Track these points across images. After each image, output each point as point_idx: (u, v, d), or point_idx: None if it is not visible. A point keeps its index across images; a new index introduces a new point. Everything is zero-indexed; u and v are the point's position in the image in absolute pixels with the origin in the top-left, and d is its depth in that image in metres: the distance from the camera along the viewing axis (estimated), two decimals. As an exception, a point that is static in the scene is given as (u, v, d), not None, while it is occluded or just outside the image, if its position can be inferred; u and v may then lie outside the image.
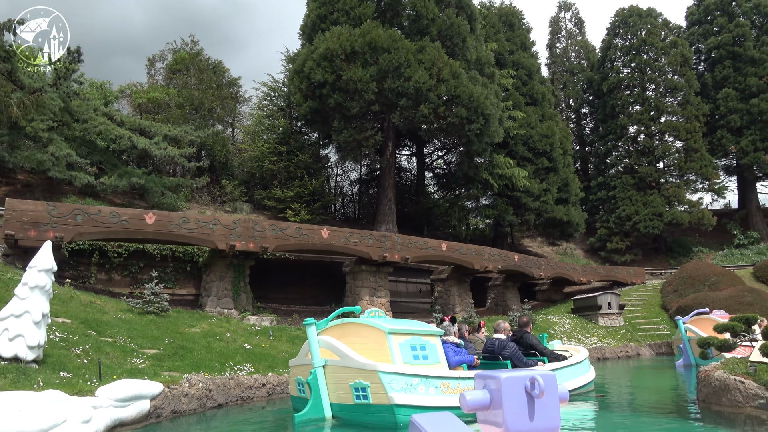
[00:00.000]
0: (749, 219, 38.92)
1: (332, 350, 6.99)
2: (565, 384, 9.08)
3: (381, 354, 6.94)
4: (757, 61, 37.10)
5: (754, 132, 36.51)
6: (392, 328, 7.14)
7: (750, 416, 6.83)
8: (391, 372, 6.57)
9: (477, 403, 1.29)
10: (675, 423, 7.15)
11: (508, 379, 1.23)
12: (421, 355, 7.20)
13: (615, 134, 38.57)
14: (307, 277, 19.83)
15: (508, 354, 8.32)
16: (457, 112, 22.62)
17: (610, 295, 24.17)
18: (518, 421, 1.21)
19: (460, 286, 21.80)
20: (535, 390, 1.24)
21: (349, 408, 6.79)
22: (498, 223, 30.61)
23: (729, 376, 7.34)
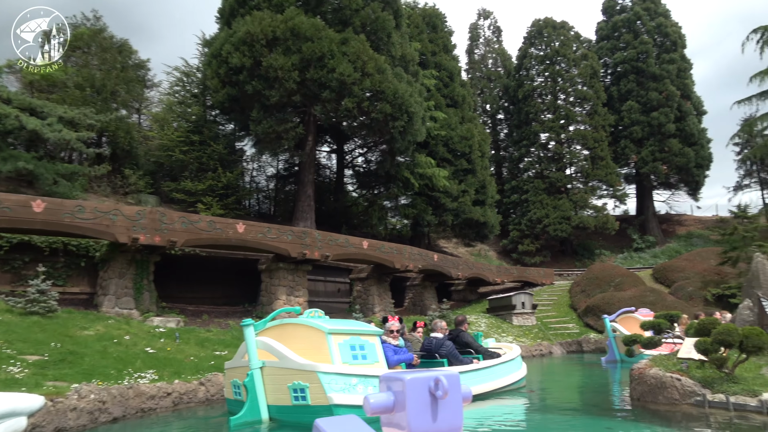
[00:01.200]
0: (646, 224, 41.60)
1: (270, 351, 6.90)
2: (500, 379, 9.25)
3: (320, 354, 6.89)
4: (657, 77, 39.72)
5: (653, 143, 39.04)
6: (332, 329, 7.09)
7: (686, 414, 6.72)
8: (330, 372, 6.55)
9: (380, 405, 1.25)
10: (613, 422, 6.93)
11: (412, 380, 1.19)
12: (360, 355, 7.19)
13: (528, 140, 39.86)
14: (218, 275, 18.50)
15: (445, 352, 8.47)
16: (381, 108, 22.13)
17: (524, 295, 24.64)
18: (421, 422, 1.17)
19: (380, 286, 21.31)
20: (439, 391, 1.20)
21: (287, 409, 6.74)
22: (417, 222, 30.50)
23: (665, 373, 7.24)
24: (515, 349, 10.21)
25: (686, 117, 39.77)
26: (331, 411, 6.33)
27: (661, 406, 7.08)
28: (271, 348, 6.94)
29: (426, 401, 1.20)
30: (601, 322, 22.98)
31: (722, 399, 6.51)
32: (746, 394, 6.35)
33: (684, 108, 39.82)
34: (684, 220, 45.37)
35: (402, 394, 1.19)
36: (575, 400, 9.20)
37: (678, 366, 7.64)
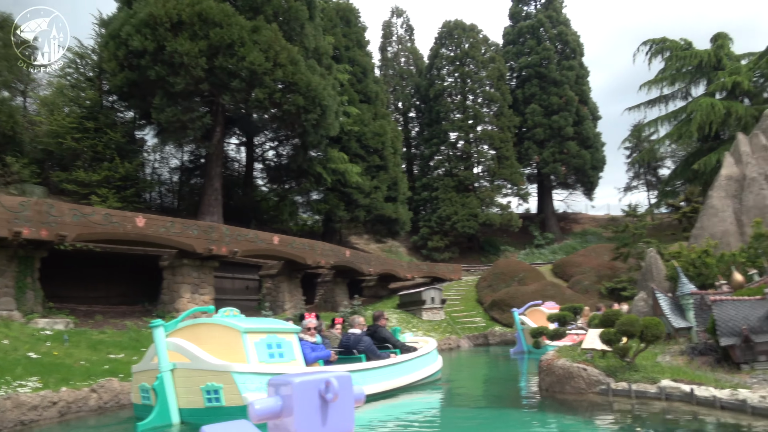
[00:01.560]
0: (546, 222, 43.88)
1: (182, 353, 6.69)
2: (416, 373, 9.39)
3: (235, 354, 6.72)
4: (558, 82, 41.95)
5: (554, 145, 41.22)
6: (247, 327, 6.94)
7: (592, 402, 6.96)
8: (244, 372, 6.42)
9: (267, 411, 1.15)
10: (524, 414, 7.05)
11: (300, 383, 1.12)
12: (277, 353, 7.07)
13: (439, 138, 40.71)
14: (115, 272, 17.19)
15: (363, 348, 8.57)
16: (294, 100, 21.56)
17: (434, 290, 25.06)
18: (310, 427, 1.10)
19: (291, 282, 20.80)
20: (329, 393, 1.14)
21: (199, 412, 6.53)
22: (329, 218, 30.17)
23: (572, 364, 7.47)
24: (431, 342, 10.37)
25: (583, 121, 42.35)
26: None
27: (569, 396, 7.30)
28: (182, 349, 6.71)
29: (315, 405, 1.15)
30: (506, 316, 23.90)
31: (625, 387, 6.80)
32: (646, 382, 6.67)
33: (581, 113, 42.37)
34: (580, 218, 48.35)
35: (290, 398, 1.14)
36: (487, 392, 9.36)
37: (583, 356, 7.93)
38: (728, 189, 12.79)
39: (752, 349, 6.53)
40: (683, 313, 9.41)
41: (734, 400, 5.47)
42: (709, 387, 5.95)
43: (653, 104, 41.73)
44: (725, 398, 5.60)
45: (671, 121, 39.34)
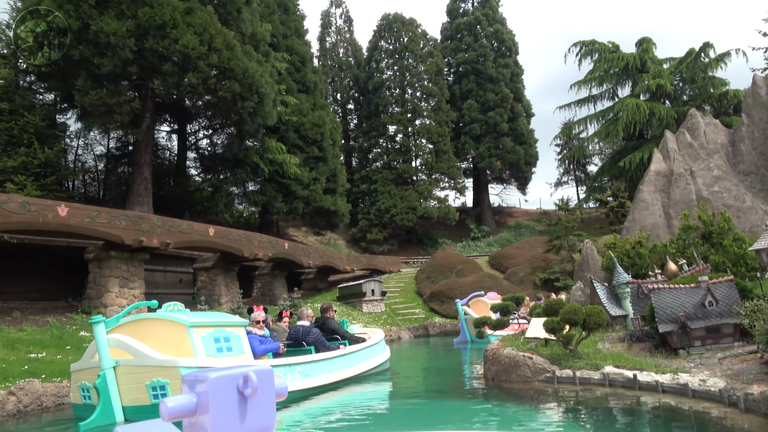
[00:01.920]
0: (482, 215, 44.83)
1: (125, 349, 6.53)
2: (365, 363, 9.48)
3: (182, 349, 6.64)
4: (494, 79, 42.83)
5: (489, 140, 42.08)
6: (194, 322, 6.84)
7: (538, 390, 7.03)
8: (191, 366, 6.28)
9: (180, 409, 1.06)
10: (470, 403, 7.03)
11: (216, 379, 1.04)
12: (225, 347, 7.02)
13: (377, 131, 40.64)
14: (34, 266, 15.98)
15: (312, 340, 8.62)
16: (229, 87, 20.80)
17: (374, 282, 25.00)
18: (226, 424, 1.03)
19: (227, 275, 20.11)
20: (248, 388, 1.06)
21: (146, 409, 6.39)
22: (266, 210, 29.44)
23: (518, 353, 7.52)
24: (379, 333, 10.58)
25: (518, 118, 43.48)
26: None
27: (515, 384, 7.35)
28: (125, 345, 6.54)
29: (233, 401, 1.09)
30: (446, 307, 24.20)
31: (569, 374, 6.91)
32: (590, 369, 6.80)
33: (516, 110, 43.48)
34: (514, 212, 49.74)
35: (205, 395, 1.08)
36: (434, 382, 9.33)
37: (527, 345, 8.02)
38: (657, 184, 13.37)
39: (688, 334, 6.78)
40: (619, 301, 9.72)
41: (676, 384, 5.64)
42: (650, 372, 6.11)
43: (582, 103, 43.46)
44: (667, 383, 5.77)
45: (599, 120, 41.10)
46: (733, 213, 11.28)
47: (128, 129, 22.23)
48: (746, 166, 12.79)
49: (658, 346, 7.38)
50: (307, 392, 7.82)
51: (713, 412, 5.00)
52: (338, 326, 9.74)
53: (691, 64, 37.94)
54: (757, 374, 5.42)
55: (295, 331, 8.84)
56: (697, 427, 4.71)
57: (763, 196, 12.28)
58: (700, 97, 37.52)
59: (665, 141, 14.02)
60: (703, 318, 6.74)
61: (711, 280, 6.95)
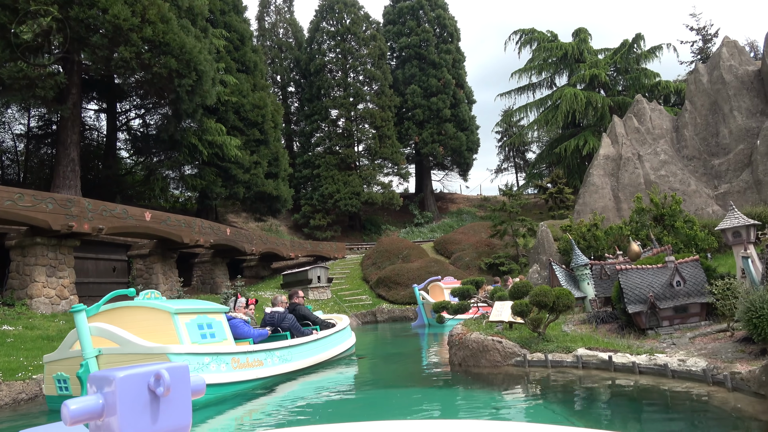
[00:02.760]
0: (425, 201, 44.98)
1: (109, 337, 6.40)
2: (336, 348, 9.70)
3: (166, 336, 6.70)
4: (437, 64, 42.79)
5: (432, 126, 42.10)
6: (178, 308, 6.92)
7: (509, 374, 6.84)
8: (181, 353, 6.37)
9: (84, 412, 0.98)
10: (441, 390, 6.74)
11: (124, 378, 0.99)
12: (208, 333, 7.13)
13: (319, 115, 39.78)
14: (-55, 254, 14.45)
15: (287, 325, 8.82)
16: (165, 62, 19.53)
17: (320, 269, 24.49)
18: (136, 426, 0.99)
19: (165, 263, 19.03)
20: (160, 387, 1.01)
21: None
22: (205, 195, 28.15)
23: (486, 337, 7.30)
24: (345, 319, 10.78)
25: (460, 104, 43.71)
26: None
27: (484, 369, 7.13)
28: (108, 333, 6.39)
29: (144, 400, 1.01)
30: (393, 293, 24.03)
31: (541, 357, 6.75)
32: (561, 351, 6.66)
33: (458, 96, 43.68)
34: (455, 198, 50.24)
35: (113, 395, 0.99)
36: (399, 368, 9.03)
37: (494, 329, 7.82)
38: (606, 168, 13.57)
39: (657, 315, 6.77)
40: (577, 283, 9.73)
41: (654, 365, 5.55)
42: (625, 353, 6.02)
43: (522, 91, 44.24)
44: (644, 363, 5.67)
45: (539, 108, 41.96)
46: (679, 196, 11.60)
47: (52, 106, 20.50)
48: (689, 151, 13.19)
49: (624, 326, 7.36)
50: (285, 376, 7.96)
51: (696, 390, 4.92)
52: (309, 312, 9.84)
53: (624, 55, 39.28)
54: (734, 353, 5.40)
55: (271, 318, 8.96)
56: (690, 405, 4.60)
57: (706, 180, 12.71)
58: (633, 87, 38.95)
59: (613, 126, 14.25)
60: (671, 298, 6.74)
61: (677, 260, 6.96)
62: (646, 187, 12.74)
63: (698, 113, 13.69)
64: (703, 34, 41.26)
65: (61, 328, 12.49)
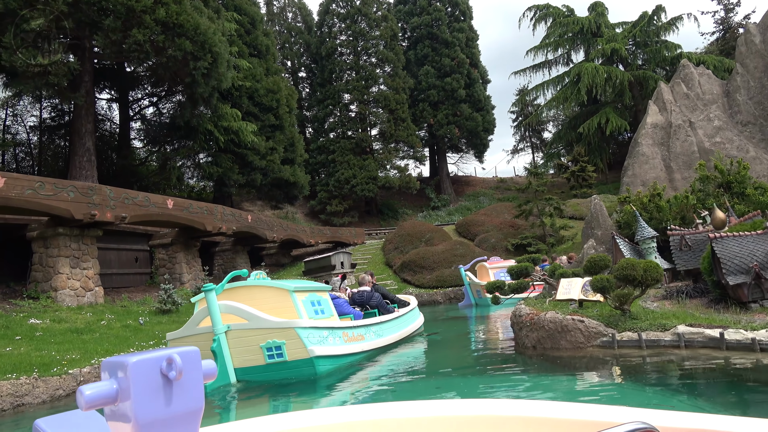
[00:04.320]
0: (441, 185, 44.21)
1: (238, 314, 6.88)
2: (412, 325, 10.10)
3: (286, 312, 7.18)
4: (450, 43, 41.77)
5: (447, 107, 41.20)
6: (295, 287, 7.40)
7: (595, 357, 6.19)
8: (307, 327, 6.93)
9: (99, 397, 1.00)
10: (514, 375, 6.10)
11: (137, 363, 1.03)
12: (319, 310, 7.66)
13: (332, 99, 38.99)
14: (-35, 248, 13.96)
15: (375, 303, 9.36)
16: (180, 45, 18.86)
17: (343, 254, 23.88)
18: (150, 409, 1.01)
19: (188, 252, 18.50)
20: (172, 371, 1.04)
21: (258, 369, 6.91)
22: (222, 182, 27.57)
23: (566, 316, 6.65)
24: (412, 299, 11.21)
25: (474, 84, 42.74)
26: (313, 363, 6.83)
27: (564, 352, 6.50)
28: (238, 310, 6.88)
29: (157, 385, 1.02)
30: (418, 277, 23.44)
31: (632, 337, 6.10)
32: (656, 329, 6.00)
33: (472, 75, 42.70)
34: (471, 181, 49.40)
35: (126, 380, 1.01)
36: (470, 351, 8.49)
37: (570, 308, 7.17)
38: (655, 137, 12.81)
39: (761, 286, 6.09)
40: (642, 257, 9.05)
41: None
42: (738, 329, 5.35)
43: (538, 69, 43.18)
44: (766, 340, 5.00)
45: (556, 85, 40.92)
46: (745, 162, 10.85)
47: (65, 94, 19.88)
48: (744, 117, 12.41)
49: (718, 300, 6.68)
50: (378, 351, 8.44)
51: None
52: (387, 291, 10.34)
53: (644, 28, 38.12)
54: None
55: (360, 296, 9.45)
56: None
57: (764, 146, 11.93)
58: (654, 61, 37.85)
59: (660, 92, 13.45)
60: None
61: (780, 226, 6.26)
62: (701, 156, 11.98)
63: (751, 76, 12.88)
64: (725, 4, 39.98)
65: (89, 320, 11.99)
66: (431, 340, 9.95)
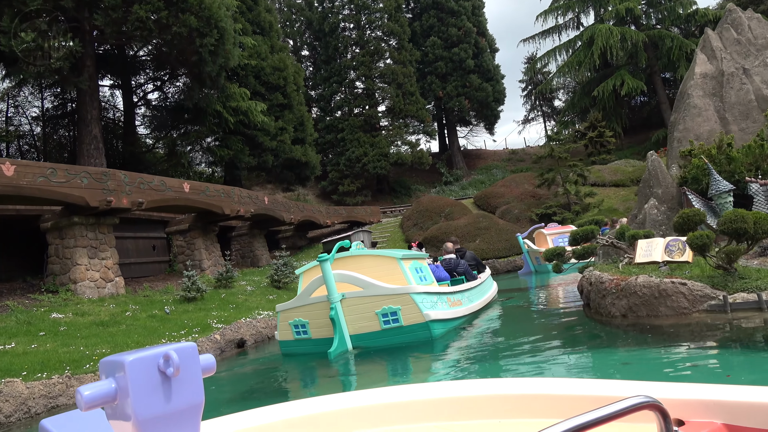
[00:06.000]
0: (452, 159, 43.28)
1: (353, 282, 7.04)
2: (492, 290, 10.48)
3: (395, 279, 7.38)
4: (456, 12, 40.48)
5: (456, 78, 40.07)
6: (402, 255, 7.66)
7: (703, 323, 5.43)
8: (421, 292, 7.11)
9: (98, 397, 1.01)
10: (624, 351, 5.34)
11: (134, 361, 1.03)
12: (421, 277, 7.83)
13: (338, 76, 37.94)
14: (-24, 243, 13.25)
15: (462, 270, 9.38)
16: (185, 20, 17.90)
17: (363, 233, 23.22)
18: (150, 407, 1.02)
19: (206, 237, 17.79)
20: (170, 368, 1.05)
21: (373, 335, 7.02)
22: (233, 165, 26.78)
23: (663, 280, 5.87)
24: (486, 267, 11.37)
25: (482, 53, 41.53)
26: (428, 327, 6.92)
27: (665, 320, 5.74)
28: (353, 279, 7.05)
29: (155, 382, 1.03)
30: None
31: (747, 298, 5.34)
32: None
33: (480, 45, 41.48)
34: (482, 154, 48.41)
35: (124, 379, 1.01)
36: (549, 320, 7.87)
37: (659, 271, 6.40)
38: (705, 87, 11.91)
39: None
40: (716, 213, 8.26)
41: None
42: None
43: (547, 35, 41.89)
44: None
45: (567, 50, 39.71)
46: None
47: (68, 79, 19.01)
48: (802, 61, 11.52)
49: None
50: (471, 316, 8.52)
51: None
52: (474, 254, 10.66)
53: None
54: None
55: (447, 264, 9.43)
56: None
57: (828, 91, 11.06)
58: (668, 19, 36.56)
59: (707, 40, 12.51)
60: None
61: None
62: (759, 105, 11.10)
63: (807, 16, 11.94)
64: (739, -44, 38.38)
65: (113, 312, 11.32)
66: (508, 306, 9.94)
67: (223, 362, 8.71)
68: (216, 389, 6.38)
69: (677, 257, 6.63)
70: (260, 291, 15.45)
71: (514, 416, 1.54)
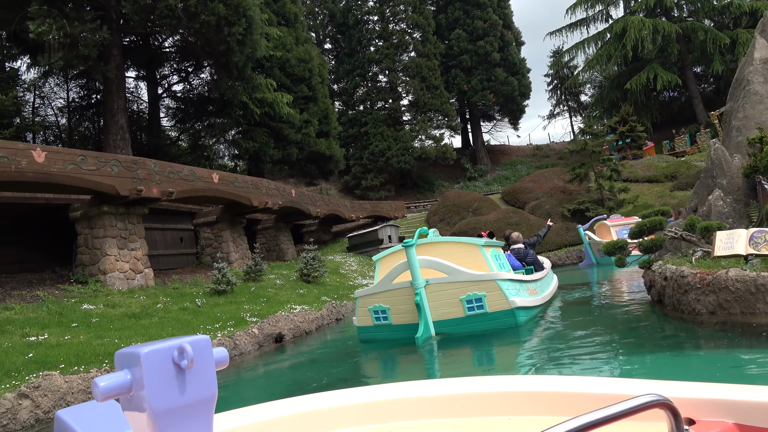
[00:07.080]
0: (476, 154, 42.61)
1: (437, 268, 6.99)
2: (555, 282, 10.37)
3: (477, 266, 7.29)
4: (481, 5, 39.75)
5: (481, 72, 39.35)
6: (483, 242, 7.59)
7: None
8: (506, 279, 7.07)
9: (114, 388, 1.01)
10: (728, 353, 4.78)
11: (149, 353, 1.02)
12: (500, 264, 7.77)
13: (362, 69, 37.46)
14: (6, 230, 12.99)
15: (531, 259, 9.31)
16: (213, 8, 17.55)
17: (390, 227, 22.76)
18: (164, 398, 1.02)
19: (234, 230, 17.44)
20: (184, 360, 1.04)
21: (457, 322, 6.97)
22: (258, 158, 26.45)
23: (760, 273, 5.30)
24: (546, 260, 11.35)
25: (508, 46, 40.77)
26: (514, 314, 6.83)
27: (763, 318, 5.17)
28: (437, 264, 6.99)
29: (170, 373, 1.03)
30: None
31: None
32: None
33: (506, 37, 40.71)
34: (505, 149, 47.64)
35: (139, 371, 1.01)
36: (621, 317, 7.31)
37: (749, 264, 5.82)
38: (766, 73, 11.19)
39: None
40: (794, 205, 7.62)
41: None
42: None
43: (574, 28, 40.99)
44: None
45: (596, 43, 38.78)
46: None
47: (96, 67, 18.79)
48: None
49: None
50: (545, 306, 8.44)
51: None
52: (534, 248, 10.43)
53: (690, -24, 35.70)
54: None
55: (517, 253, 9.33)
56: None
57: None
58: (702, 11, 35.46)
59: (766, 23, 11.78)
60: None
61: None
62: (827, 91, 10.37)
63: None
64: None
65: (143, 304, 10.98)
66: (571, 300, 9.75)
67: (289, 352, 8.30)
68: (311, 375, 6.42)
69: (764, 250, 6.04)
70: (290, 285, 15.06)
71: (525, 413, 1.55)
